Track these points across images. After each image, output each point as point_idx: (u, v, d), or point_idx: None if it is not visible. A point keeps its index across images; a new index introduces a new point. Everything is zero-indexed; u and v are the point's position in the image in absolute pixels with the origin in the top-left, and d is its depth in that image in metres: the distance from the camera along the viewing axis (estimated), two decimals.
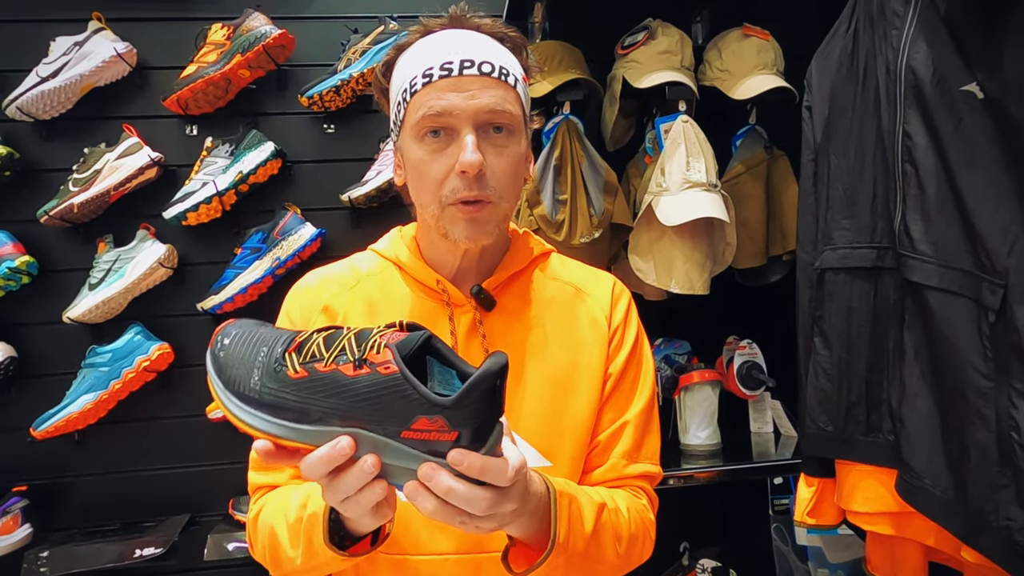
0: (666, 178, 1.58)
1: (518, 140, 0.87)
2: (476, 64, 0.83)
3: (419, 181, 0.86)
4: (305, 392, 0.61)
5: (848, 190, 1.22)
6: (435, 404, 0.59)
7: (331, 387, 0.61)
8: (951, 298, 1.01)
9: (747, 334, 1.81)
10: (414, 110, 0.84)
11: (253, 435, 0.64)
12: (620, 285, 1.02)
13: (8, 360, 1.65)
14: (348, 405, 0.60)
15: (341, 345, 0.62)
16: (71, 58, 1.68)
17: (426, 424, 0.59)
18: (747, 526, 1.90)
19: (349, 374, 0.60)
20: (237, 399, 0.63)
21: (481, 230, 0.85)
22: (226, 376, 0.64)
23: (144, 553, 1.55)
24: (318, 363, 0.62)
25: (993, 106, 0.94)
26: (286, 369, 0.62)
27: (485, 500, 0.62)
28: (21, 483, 1.67)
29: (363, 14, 1.81)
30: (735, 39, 1.70)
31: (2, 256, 1.64)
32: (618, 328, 0.97)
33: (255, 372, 0.63)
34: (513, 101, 0.85)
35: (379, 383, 0.59)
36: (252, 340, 0.65)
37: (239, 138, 1.73)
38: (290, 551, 0.80)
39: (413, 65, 0.85)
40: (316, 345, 0.63)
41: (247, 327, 0.67)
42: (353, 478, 0.62)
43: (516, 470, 0.64)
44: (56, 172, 1.71)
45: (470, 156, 0.80)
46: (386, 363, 0.60)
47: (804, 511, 1.33)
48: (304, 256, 1.74)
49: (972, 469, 0.98)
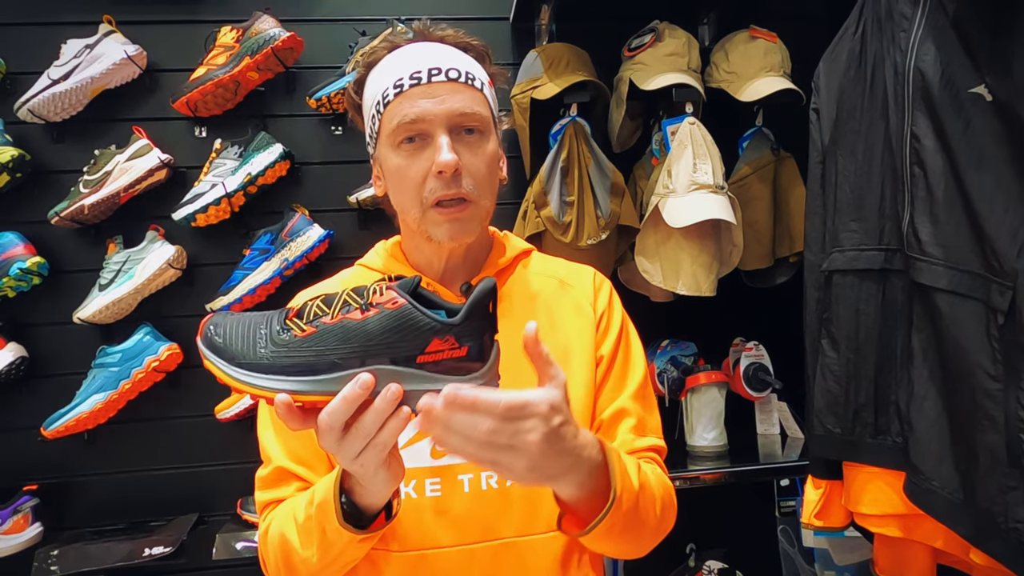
0: (673, 180, 1.58)
1: (489, 139, 0.91)
2: (443, 71, 0.87)
3: (399, 187, 0.90)
4: (317, 345, 0.65)
5: (856, 192, 1.22)
6: (445, 323, 0.64)
7: (343, 333, 0.64)
8: (960, 300, 1.01)
9: (754, 336, 1.81)
10: (388, 120, 0.88)
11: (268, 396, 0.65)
12: (600, 275, 1.06)
13: (19, 360, 1.66)
14: (362, 344, 0.64)
15: (342, 300, 0.66)
16: (82, 60, 1.69)
17: (439, 344, 0.64)
18: (753, 528, 1.90)
19: (358, 318, 0.65)
20: (246, 370, 0.66)
21: (463, 229, 0.89)
22: (229, 354, 0.66)
23: (153, 552, 1.56)
24: (324, 318, 0.66)
25: (1001, 108, 0.94)
26: (292, 331, 0.66)
27: (487, 423, 0.63)
28: (32, 482, 1.68)
29: (371, 16, 1.82)
30: (742, 41, 1.71)
31: (13, 257, 1.65)
32: (603, 314, 1.00)
33: (259, 343, 0.66)
34: (481, 103, 0.90)
35: (390, 316, 0.64)
36: (245, 321, 0.68)
37: (248, 140, 1.74)
38: (303, 552, 0.81)
39: (383, 78, 0.90)
40: (316, 306, 0.67)
41: (234, 315, 0.70)
42: (375, 414, 0.64)
43: (512, 404, 0.64)
44: (67, 174, 1.72)
45: (446, 156, 0.85)
46: (392, 300, 0.65)
47: (811, 513, 1.33)
48: (312, 257, 1.74)
49: (981, 471, 0.98)
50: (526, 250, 1.05)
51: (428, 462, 0.89)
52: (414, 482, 0.89)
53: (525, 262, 1.04)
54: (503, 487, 0.89)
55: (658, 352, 1.83)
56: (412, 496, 0.88)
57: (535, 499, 0.90)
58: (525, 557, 0.89)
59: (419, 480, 0.89)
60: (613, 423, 0.96)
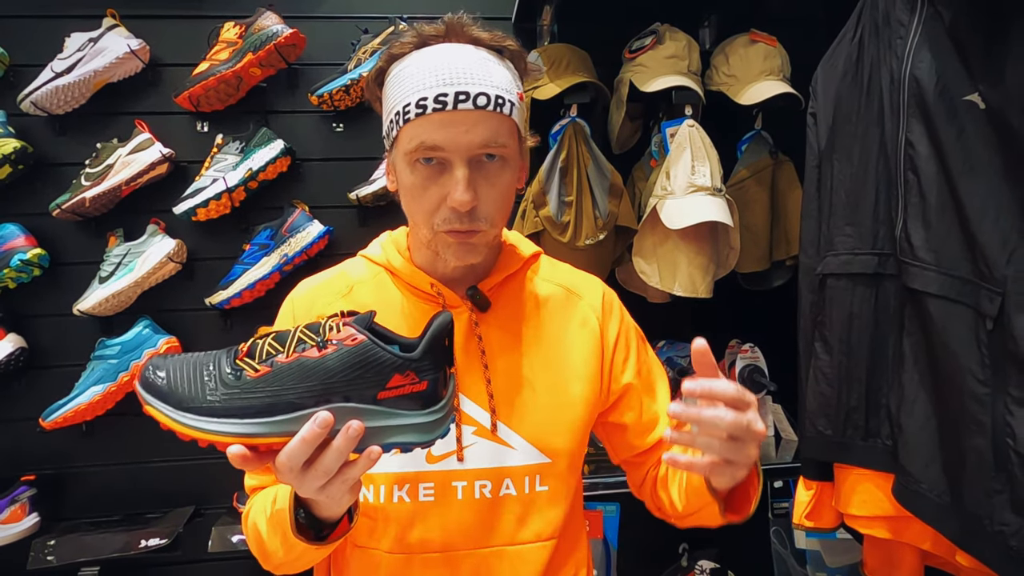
0: (671, 182, 1.59)
1: (511, 167, 0.87)
2: (471, 97, 0.80)
3: (412, 203, 0.86)
4: (272, 385, 0.63)
5: (851, 196, 1.23)
6: (406, 359, 0.64)
7: (300, 372, 0.63)
8: (950, 305, 1.02)
9: (749, 338, 1.82)
10: (407, 138, 0.83)
11: (222, 442, 0.63)
12: (608, 290, 1.04)
13: (18, 351, 1.67)
14: (322, 382, 0.63)
15: (297, 337, 0.65)
16: (85, 54, 1.70)
17: (399, 380, 0.64)
18: (746, 529, 1.89)
19: (315, 356, 0.63)
20: (195, 415, 0.63)
21: (472, 251, 0.86)
22: (175, 399, 0.63)
23: (149, 544, 1.57)
24: (278, 356, 0.64)
25: (994, 116, 0.96)
26: (245, 371, 0.63)
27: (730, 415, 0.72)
28: (29, 472, 1.70)
29: (373, 14, 1.83)
30: (742, 45, 1.72)
31: (14, 248, 1.66)
32: (619, 336, 1.00)
33: (207, 385, 0.63)
34: (508, 131, 0.84)
35: (349, 353, 0.63)
36: (189, 363, 0.65)
37: (249, 135, 1.75)
38: (270, 545, 0.83)
39: (407, 87, 0.83)
40: (268, 345, 0.65)
41: (176, 356, 0.67)
42: (336, 452, 0.63)
43: (737, 391, 0.73)
44: (69, 166, 1.73)
45: (461, 196, 0.80)
46: (351, 336, 0.64)
47: (802, 514, 1.34)
48: (312, 253, 1.75)
49: (968, 474, 0.99)
50: (534, 254, 1.02)
51: (423, 466, 0.89)
52: (408, 486, 0.88)
53: (534, 267, 1.01)
54: (496, 496, 0.89)
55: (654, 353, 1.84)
56: (406, 500, 0.88)
57: (526, 509, 0.91)
58: (515, 565, 0.89)
59: (413, 484, 0.88)
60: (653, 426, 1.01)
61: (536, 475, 0.90)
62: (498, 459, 0.89)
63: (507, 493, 0.89)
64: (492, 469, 0.89)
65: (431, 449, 0.85)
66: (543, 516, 0.90)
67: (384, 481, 0.88)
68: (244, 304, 1.75)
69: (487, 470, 0.88)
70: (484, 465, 0.89)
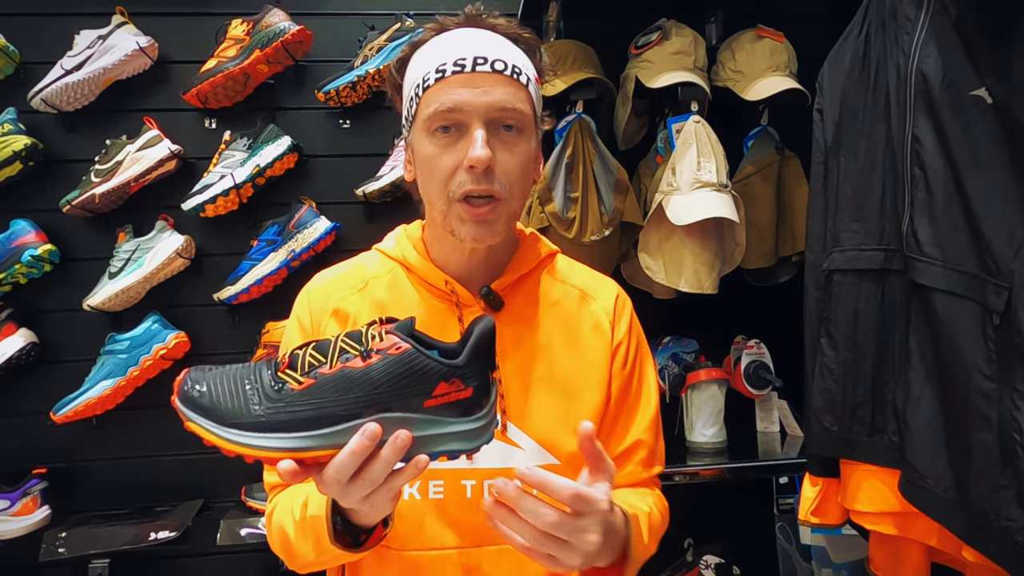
0: (677, 178, 1.59)
1: (528, 139, 0.87)
2: (489, 62, 0.83)
3: (428, 175, 0.86)
4: (317, 398, 0.62)
5: (857, 192, 1.23)
6: (451, 367, 0.64)
7: (344, 383, 0.62)
8: (956, 300, 1.02)
9: (755, 334, 1.82)
10: (426, 105, 0.84)
11: (270, 458, 0.62)
12: (623, 294, 1.03)
13: (30, 346, 1.69)
14: (368, 393, 0.62)
15: (338, 347, 0.64)
16: (95, 51, 1.71)
17: (445, 388, 0.64)
18: (752, 524, 1.91)
19: (359, 366, 0.62)
20: (240, 430, 0.62)
21: (489, 231, 0.86)
22: (219, 414, 0.62)
23: (159, 536, 1.58)
24: (322, 368, 0.63)
25: (1001, 111, 0.95)
26: (288, 384, 0.62)
27: (553, 516, 0.68)
28: (41, 466, 1.71)
29: (380, 11, 1.84)
30: (749, 40, 1.71)
31: (25, 244, 1.68)
32: (622, 342, 0.99)
33: (251, 399, 0.62)
34: (524, 100, 0.86)
35: (395, 363, 0.62)
36: (229, 376, 0.64)
37: (257, 132, 1.76)
38: (299, 548, 0.83)
39: (427, 62, 0.85)
40: (309, 356, 0.64)
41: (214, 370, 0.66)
42: (384, 463, 0.63)
43: (580, 493, 0.69)
44: (78, 163, 1.75)
45: (479, 151, 0.81)
46: (395, 345, 0.63)
47: (808, 510, 1.34)
48: (319, 249, 1.76)
49: (974, 470, 0.99)
50: (551, 253, 1.01)
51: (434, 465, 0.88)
52: (418, 483, 0.89)
53: (549, 267, 1.01)
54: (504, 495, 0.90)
55: (660, 349, 1.84)
56: (416, 497, 0.89)
57: None
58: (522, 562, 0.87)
59: (423, 482, 0.89)
60: (627, 455, 0.97)
61: None
62: (507, 459, 0.89)
63: None
64: (501, 469, 0.88)
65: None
66: None
67: None
68: (252, 299, 1.76)
69: (496, 470, 0.88)
70: (493, 465, 0.88)
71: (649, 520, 0.90)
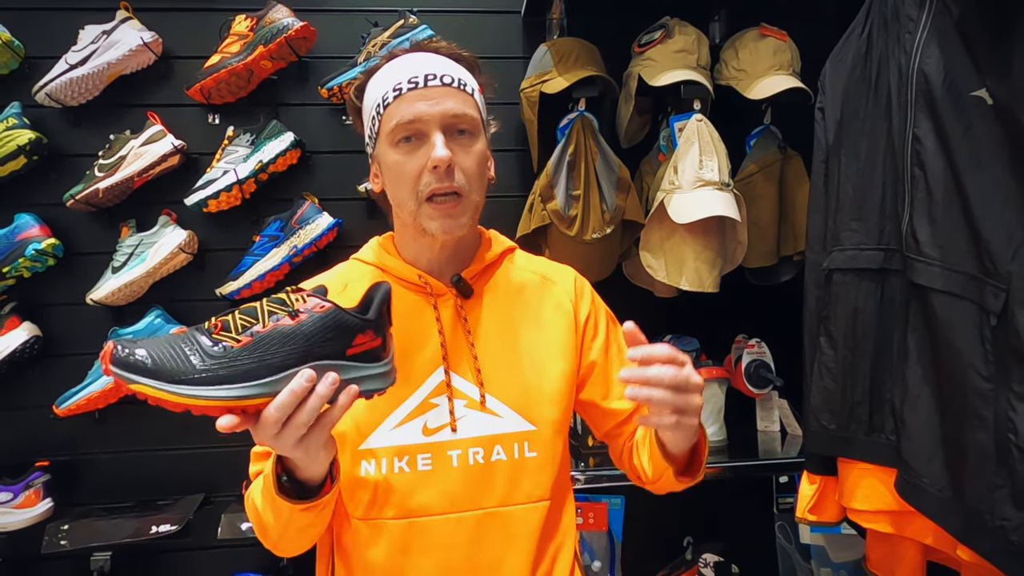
0: (679, 176, 1.59)
1: (479, 140, 0.99)
2: (439, 76, 0.96)
3: (396, 181, 0.97)
4: (257, 352, 0.71)
5: (857, 192, 1.23)
6: (365, 320, 0.77)
7: (280, 338, 0.72)
8: (955, 301, 1.02)
9: (756, 333, 1.83)
10: (388, 120, 0.96)
11: (217, 407, 0.70)
12: (580, 277, 1.14)
13: (33, 339, 1.70)
14: (301, 345, 0.73)
15: (267, 309, 0.74)
16: (99, 46, 1.72)
17: (361, 338, 0.76)
18: (751, 523, 1.91)
19: (290, 324, 0.73)
20: (188, 385, 0.69)
21: (455, 224, 0.96)
22: (164, 375, 0.69)
23: (160, 530, 1.59)
24: (256, 327, 0.72)
25: (1001, 112, 0.95)
26: (228, 343, 0.71)
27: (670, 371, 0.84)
28: (43, 459, 1.72)
29: (383, 8, 1.84)
30: (752, 39, 1.71)
31: (29, 238, 1.68)
32: (588, 316, 1.09)
33: (193, 359, 0.70)
34: (472, 107, 0.98)
35: (321, 319, 0.74)
36: (163, 342, 0.71)
37: (260, 128, 1.76)
38: (265, 516, 0.89)
39: (384, 83, 0.97)
40: (239, 318, 0.73)
41: (144, 340, 0.72)
42: (318, 398, 0.72)
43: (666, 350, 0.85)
44: (82, 157, 1.76)
45: (440, 152, 0.92)
46: (318, 305, 0.75)
47: (805, 508, 1.34)
48: (321, 245, 1.77)
49: (970, 470, 0.99)
50: (511, 247, 1.12)
51: (420, 439, 0.97)
52: (407, 457, 0.96)
53: (510, 258, 1.11)
54: (488, 462, 0.98)
55: None
56: (405, 471, 0.96)
57: (516, 472, 0.98)
58: (508, 524, 0.97)
59: (412, 456, 0.96)
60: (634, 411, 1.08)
61: (524, 441, 0.99)
62: (488, 428, 0.98)
63: (498, 459, 0.98)
64: (483, 437, 0.98)
65: (427, 423, 0.97)
66: (533, 479, 0.99)
67: (385, 455, 0.96)
68: (254, 295, 1.77)
69: (479, 438, 0.97)
70: (476, 434, 0.97)
71: None
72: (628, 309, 1.22)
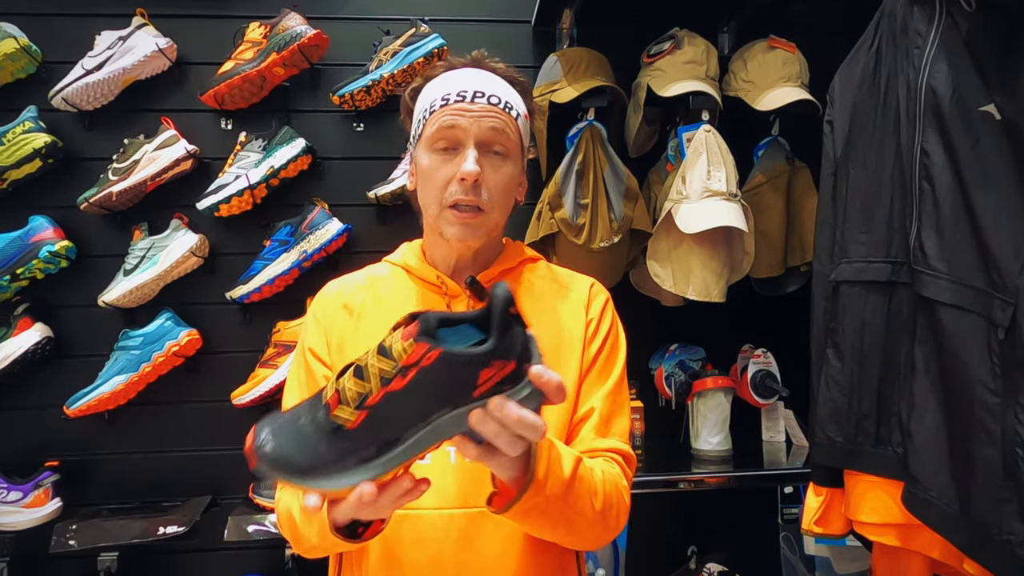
0: (687, 186, 1.60)
1: (513, 163, 1.02)
2: (486, 95, 0.99)
3: (426, 184, 1.01)
4: (373, 430, 0.64)
5: (865, 204, 1.23)
6: (482, 354, 0.64)
7: (393, 407, 0.64)
8: (962, 314, 1.02)
9: (762, 343, 1.83)
10: (430, 125, 1.00)
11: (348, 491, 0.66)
12: (598, 285, 1.12)
13: (45, 340, 1.72)
14: (419, 407, 0.64)
15: (375, 371, 0.64)
16: (115, 52, 1.74)
17: (487, 374, 0.64)
18: (756, 533, 1.91)
19: (401, 386, 0.63)
20: (319, 479, 0.65)
21: (471, 234, 0.99)
22: (296, 468, 0.65)
23: (167, 531, 1.60)
24: (368, 398, 0.64)
25: (1010, 127, 0.96)
26: (343, 425, 0.65)
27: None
28: (53, 459, 1.74)
29: (395, 16, 1.86)
30: (761, 51, 1.72)
31: (43, 240, 1.70)
32: (592, 319, 1.07)
33: (316, 442, 0.65)
34: (513, 130, 1.01)
35: (431, 373, 0.63)
36: (286, 422, 0.67)
37: (272, 134, 1.78)
38: (305, 532, 0.89)
39: (436, 91, 1.01)
40: (351, 385, 0.65)
41: (267, 421, 0.68)
42: (391, 497, 0.69)
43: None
44: (96, 161, 1.78)
45: (470, 166, 0.95)
46: (426, 355, 0.63)
47: (811, 520, 1.34)
48: (330, 250, 1.78)
49: (976, 483, 0.99)
50: (534, 257, 1.13)
51: None
52: None
53: (532, 267, 1.12)
54: None
55: (667, 356, 1.85)
56: None
57: None
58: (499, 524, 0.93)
59: None
60: (580, 421, 1.01)
61: None
62: None
63: None
64: None
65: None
66: None
67: None
68: (264, 299, 1.78)
69: None
70: None
71: (581, 466, 0.88)
72: (635, 318, 1.23)
